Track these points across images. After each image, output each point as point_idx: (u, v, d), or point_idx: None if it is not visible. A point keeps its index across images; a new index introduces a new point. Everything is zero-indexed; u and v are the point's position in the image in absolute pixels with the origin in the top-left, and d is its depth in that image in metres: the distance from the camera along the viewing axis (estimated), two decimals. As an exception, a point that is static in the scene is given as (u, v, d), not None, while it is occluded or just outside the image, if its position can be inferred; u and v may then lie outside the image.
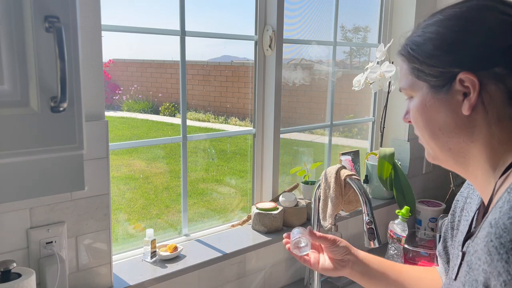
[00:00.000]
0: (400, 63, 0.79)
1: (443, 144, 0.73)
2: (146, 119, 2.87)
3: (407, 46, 0.75)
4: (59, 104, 0.64)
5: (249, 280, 1.54)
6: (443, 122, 0.71)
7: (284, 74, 1.67)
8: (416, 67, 0.73)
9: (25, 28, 0.62)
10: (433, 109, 0.72)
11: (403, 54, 0.76)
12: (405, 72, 0.76)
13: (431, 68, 0.71)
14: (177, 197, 1.58)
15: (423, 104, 0.73)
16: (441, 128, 0.72)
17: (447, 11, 0.72)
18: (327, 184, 1.49)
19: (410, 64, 0.74)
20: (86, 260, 1.16)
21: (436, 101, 0.71)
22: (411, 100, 0.77)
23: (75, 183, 0.73)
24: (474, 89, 0.67)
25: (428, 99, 0.72)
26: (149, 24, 1.37)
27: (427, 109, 0.73)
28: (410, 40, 0.75)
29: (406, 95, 0.78)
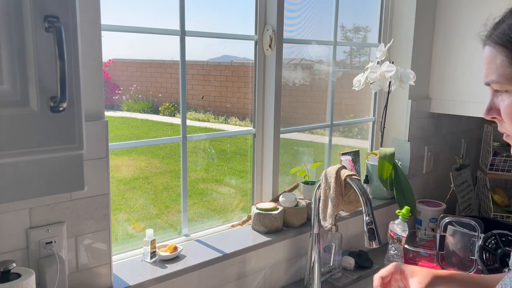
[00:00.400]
0: (489, 54, 0.71)
1: None
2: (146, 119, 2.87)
3: (508, 35, 0.66)
4: (59, 104, 0.64)
5: (249, 280, 1.54)
6: None
7: (284, 74, 1.66)
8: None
9: (25, 28, 0.62)
10: None
11: (500, 44, 0.68)
12: (500, 64, 0.68)
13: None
14: (177, 197, 1.58)
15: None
16: None
17: None
18: (327, 184, 1.48)
19: (510, 54, 0.66)
20: (86, 260, 1.16)
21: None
22: (504, 94, 0.70)
23: (75, 183, 0.73)
24: None
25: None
26: (149, 24, 1.37)
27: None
28: (510, 27, 0.67)
29: (498, 88, 0.71)
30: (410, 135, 2.08)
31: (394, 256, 1.78)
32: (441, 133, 2.22)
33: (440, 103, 2.08)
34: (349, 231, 1.86)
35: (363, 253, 1.82)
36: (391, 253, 1.79)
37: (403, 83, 1.86)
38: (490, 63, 0.71)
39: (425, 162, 2.18)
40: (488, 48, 0.71)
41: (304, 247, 1.66)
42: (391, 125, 2.11)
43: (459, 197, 2.15)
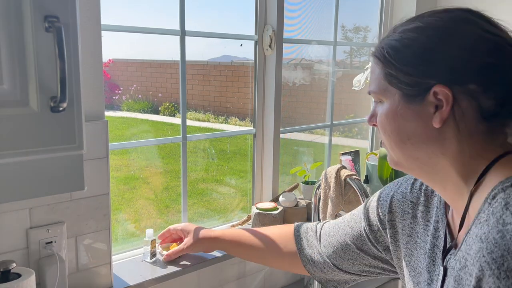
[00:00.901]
0: (373, 65, 0.76)
1: (410, 152, 0.72)
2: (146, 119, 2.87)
3: (383, 49, 0.71)
4: (59, 104, 0.64)
5: (249, 280, 1.54)
6: (412, 132, 0.70)
7: (284, 74, 1.66)
8: (391, 73, 0.70)
9: (25, 27, 0.62)
10: (403, 118, 0.70)
11: (378, 57, 0.73)
12: (377, 76, 0.73)
13: (406, 76, 0.68)
14: (177, 197, 1.58)
15: (394, 111, 0.71)
16: (409, 138, 0.70)
17: (427, 19, 0.70)
18: (327, 184, 1.48)
19: (385, 69, 0.71)
20: (86, 260, 1.16)
21: (408, 110, 0.69)
22: (379, 104, 0.75)
23: (75, 183, 0.73)
24: (448, 103, 0.65)
25: (400, 107, 0.70)
26: (149, 24, 1.37)
27: (397, 117, 0.71)
28: (387, 43, 0.71)
29: (375, 98, 0.76)
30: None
31: (394, 256, 1.78)
32: (441, 133, 2.22)
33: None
34: (349, 231, 1.86)
35: (363, 253, 1.82)
36: (391, 253, 1.79)
37: (403, 83, 1.86)
38: (372, 73, 0.76)
39: (425, 162, 2.18)
40: (371, 59, 0.76)
41: (304, 247, 1.66)
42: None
43: (459, 197, 2.14)
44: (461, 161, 0.68)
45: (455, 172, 0.69)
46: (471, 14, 0.68)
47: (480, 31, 0.66)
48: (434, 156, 0.69)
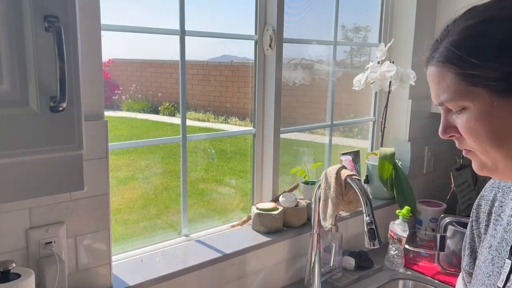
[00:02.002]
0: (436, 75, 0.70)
1: (509, 151, 0.67)
2: (145, 119, 2.86)
3: (452, 52, 0.67)
4: (59, 104, 0.64)
5: (249, 280, 1.54)
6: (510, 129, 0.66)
7: (284, 74, 1.66)
8: (472, 73, 0.65)
9: (25, 27, 0.62)
10: (499, 115, 0.65)
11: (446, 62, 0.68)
12: (451, 82, 0.68)
13: (493, 70, 0.64)
14: (177, 197, 1.58)
15: (487, 112, 0.66)
16: (508, 134, 0.66)
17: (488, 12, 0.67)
18: (327, 184, 1.48)
19: (462, 70, 0.66)
20: (86, 261, 1.16)
21: (504, 105, 0.65)
22: (460, 112, 0.69)
23: (74, 183, 0.73)
24: None
25: (494, 105, 0.65)
26: (149, 23, 1.37)
27: (492, 117, 0.66)
28: (453, 45, 0.67)
29: (454, 107, 0.70)
30: (410, 135, 2.08)
31: (394, 256, 1.78)
32: (441, 133, 2.22)
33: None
34: (349, 231, 1.86)
35: (363, 253, 1.82)
36: (391, 253, 1.79)
37: (404, 83, 1.86)
38: (438, 83, 0.70)
39: (425, 162, 2.18)
40: (432, 69, 0.71)
41: (304, 247, 1.66)
42: (391, 125, 2.11)
43: (460, 197, 2.14)
44: None
45: None
46: None
47: None
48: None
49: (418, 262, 1.82)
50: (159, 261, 1.36)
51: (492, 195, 0.87)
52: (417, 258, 1.84)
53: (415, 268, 1.79)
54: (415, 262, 1.82)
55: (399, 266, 1.78)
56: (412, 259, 1.84)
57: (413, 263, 1.82)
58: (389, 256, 1.80)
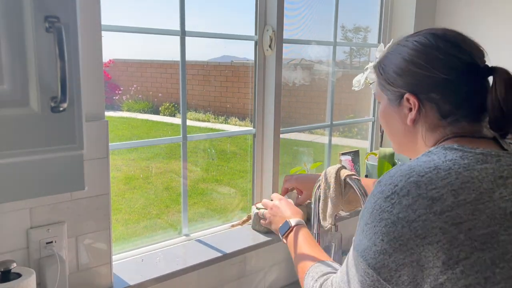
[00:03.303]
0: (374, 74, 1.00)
1: (399, 141, 0.97)
2: (146, 119, 2.87)
3: (379, 65, 0.96)
4: (59, 104, 0.64)
5: (249, 280, 1.54)
6: (395, 128, 0.95)
7: (284, 74, 1.67)
8: (380, 82, 0.95)
9: (25, 28, 0.62)
10: (390, 116, 0.96)
11: (376, 69, 0.98)
12: (376, 83, 0.98)
13: (389, 85, 0.93)
14: (177, 197, 1.58)
15: (384, 110, 0.97)
16: (395, 131, 0.96)
17: (405, 42, 0.92)
18: (327, 184, 1.48)
19: (377, 78, 0.97)
20: (86, 260, 1.16)
21: (392, 110, 0.94)
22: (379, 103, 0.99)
23: (75, 183, 0.73)
24: (415, 107, 0.89)
25: (387, 107, 0.95)
26: (149, 24, 1.37)
27: (386, 115, 0.97)
28: (382, 61, 0.96)
29: (377, 99, 1.02)
30: (410, 135, 2.08)
31: (394, 256, 1.78)
32: (441, 133, 2.22)
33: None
34: (349, 231, 1.86)
35: (363, 253, 1.82)
36: (391, 253, 1.79)
37: (403, 83, 1.86)
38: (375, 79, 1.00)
39: (425, 162, 2.18)
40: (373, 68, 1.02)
41: (304, 247, 1.66)
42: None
43: (459, 197, 2.14)
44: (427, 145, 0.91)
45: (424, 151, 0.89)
46: (436, 38, 0.87)
47: (439, 54, 0.86)
48: (413, 144, 0.94)
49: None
50: (160, 260, 1.36)
51: None
52: (416, 258, 1.84)
53: (415, 267, 1.79)
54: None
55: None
56: (411, 259, 1.84)
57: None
58: (388, 256, 1.80)
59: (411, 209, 0.73)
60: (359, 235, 0.82)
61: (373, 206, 0.78)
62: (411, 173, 0.77)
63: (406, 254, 0.73)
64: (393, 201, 0.75)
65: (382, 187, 0.78)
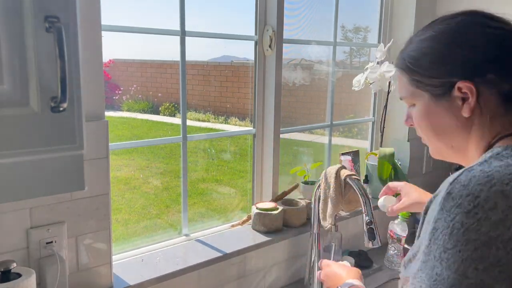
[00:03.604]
0: (398, 75, 0.86)
1: (446, 143, 0.83)
2: (146, 119, 2.87)
3: (405, 60, 0.83)
4: (59, 104, 0.64)
5: (249, 280, 1.54)
6: (446, 125, 0.81)
7: (284, 74, 1.67)
8: (416, 79, 0.81)
9: (25, 28, 0.62)
10: (436, 114, 0.81)
11: (402, 68, 0.84)
12: (405, 83, 0.85)
13: (431, 79, 0.79)
14: (177, 197, 1.58)
15: (426, 110, 0.82)
16: (444, 130, 0.82)
17: (437, 27, 0.80)
18: (327, 184, 1.49)
19: (410, 76, 0.82)
20: (86, 260, 1.16)
21: (438, 107, 0.80)
22: (413, 107, 0.85)
23: (75, 183, 0.73)
24: (472, 95, 0.75)
25: (431, 106, 0.81)
26: (149, 24, 1.37)
27: (431, 115, 0.82)
28: (407, 55, 0.83)
29: (407, 103, 0.87)
30: (410, 135, 2.08)
31: (393, 256, 1.79)
32: (441, 133, 2.22)
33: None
34: (349, 231, 1.87)
35: (363, 253, 1.82)
36: (390, 252, 1.79)
37: (403, 83, 1.86)
38: (399, 82, 0.87)
39: (424, 162, 2.18)
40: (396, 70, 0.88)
41: (304, 247, 1.66)
42: (391, 125, 2.11)
43: (459, 197, 2.14)
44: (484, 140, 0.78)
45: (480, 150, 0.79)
46: (475, 15, 0.78)
47: (485, 29, 0.76)
48: (464, 142, 0.81)
49: (417, 261, 1.82)
50: (160, 260, 1.36)
51: None
52: (416, 258, 1.84)
53: (415, 267, 1.79)
54: (415, 262, 1.82)
55: (399, 266, 1.78)
56: (411, 259, 1.84)
57: (413, 262, 1.82)
58: (388, 256, 1.80)
59: (504, 226, 0.61)
60: (435, 267, 0.64)
61: (452, 225, 0.63)
62: (491, 181, 0.64)
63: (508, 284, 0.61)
64: (478, 216, 0.62)
65: (457, 200, 0.64)
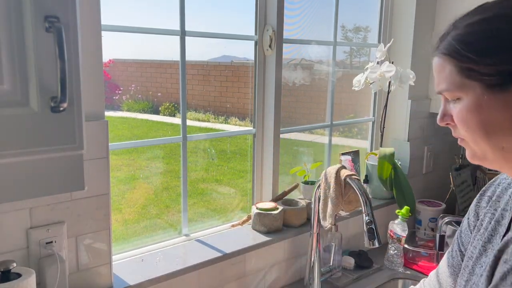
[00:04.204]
0: (439, 65, 0.75)
1: (497, 143, 0.71)
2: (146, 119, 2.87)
3: (453, 45, 0.71)
4: (59, 104, 0.64)
5: (249, 280, 1.54)
6: (500, 121, 0.69)
7: (284, 74, 1.67)
8: (469, 66, 0.70)
9: (25, 28, 0.62)
10: (490, 108, 0.69)
11: (447, 54, 0.72)
12: (449, 74, 0.73)
13: (488, 67, 0.68)
14: (177, 197, 1.58)
15: (478, 104, 0.70)
16: (496, 128, 0.70)
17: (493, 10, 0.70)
18: (327, 184, 1.48)
19: (459, 64, 0.71)
20: (86, 260, 1.16)
21: (494, 99, 0.69)
22: (455, 102, 0.74)
23: (75, 183, 0.73)
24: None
25: (484, 99, 0.69)
26: (149, 24, 1.37)
27: (482, 110, 0.70)
28: (456, 39, 0.71)
29: (450, 97, 0.75)
30: (410, 135, 2.08)
31: (394, 256, 1.79)
32: (440, 133, 2.22)
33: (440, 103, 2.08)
34: (349, 231, 1.87)
35: (363, 253, 1.82)
36: (390, 253, 1.79)
37: (403, 83, 1.86)
38: (439, 72, 0.75)
39: (424, 162, 2.18)
40: (436, 59, 0.75)
41: (304, 247, 1.66)
42: (391, 125, 2.11)
43: (459, 197, 2.15)
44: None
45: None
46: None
47: None
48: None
49: (417, 261, 1.83)
50: (160, 260, 1.36)
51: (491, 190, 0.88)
52: (416, 258, 1.84)
53: (415, 267, 1.79)
54: (415, 262, 1.82)
55: (399, 266, 1.79)
56: (411, 258, 1.84)
57: (413, 262, 1.82)
58: (388, 256, 1.80)
59: None
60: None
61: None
62: None
63: None
64: None
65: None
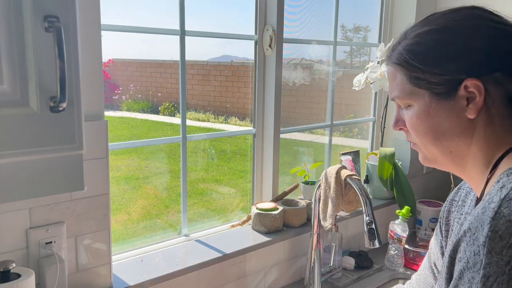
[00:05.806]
0: (391, 73, 0.78)
1: (444, 147, 0.75)
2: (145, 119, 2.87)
3: (403, 55, 0.75)
4: (59, 104, 0.64)
5: (249, 280, 1.54)
6: (447, 127, 0.73)
7: (284, 74, 1.66)
8: (417, 75, 0.73)
9: (25, 27, 0.62)
10: (437, 116, 0.73)
11: (397, 63, 0.76)
12: (400, 81, 0.76)
13: (434, 76, 0.71)
14: (177, 197, 1.58)
15: (426, 111, 0.74)
16: (444, 133, 0.73)
17: (440, 21, 0.74)
18: (327, 184, 1.48)
19: (409, 73, 0.74)
20: (86, 260, 1.16)
21: (440, 107, 0.72)
22: (407, 108, 0.78)
23: (74, 183, 0.73)
24: (480, 94, 0.69)
25: (431, 106, 0.73)
26: (149, 23, 1.37)
27: (430, 116, 0.74)
28: (405, 49, 0.75)
29: (402, 104, 0.79)
30: (410, 135, 2.08)
31: (394, 256, 1.78)
32: (441, 133, 2.22)
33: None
34: (349, 231, 1.86)
35: (363, 253, 1.82)
36: (391, 253, 1.79)
37: (403, 83, 1.85)
38: (392, 80, 0.78)
39: (425, 162, 2.18)
40: (388, 68, 0.79)
41: (304, 247, 1.66)
42: (391, 125, 2.11)
43: (459, 197, 2.14)
44: (485, 150, 0.72)
45: (479, 161, 0.73)
46: (479, 10, 0.73)
47: (492, 23, 0.70)
48: (465, 147, 0.73)
49: (418, 262, 1.82)
50: (159, 261, 1.36)
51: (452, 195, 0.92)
52: (417, 258, 1.84)
53: (415, 268, 1.79)
54: (415, 262, 1.82)
55: (399, 266, 1.78)
56: (412, 259, 1.84)
57: (413, 263, 1.82)
58: (389, 256, 1.80)
59: None
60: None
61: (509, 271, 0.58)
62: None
63: None
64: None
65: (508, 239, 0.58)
